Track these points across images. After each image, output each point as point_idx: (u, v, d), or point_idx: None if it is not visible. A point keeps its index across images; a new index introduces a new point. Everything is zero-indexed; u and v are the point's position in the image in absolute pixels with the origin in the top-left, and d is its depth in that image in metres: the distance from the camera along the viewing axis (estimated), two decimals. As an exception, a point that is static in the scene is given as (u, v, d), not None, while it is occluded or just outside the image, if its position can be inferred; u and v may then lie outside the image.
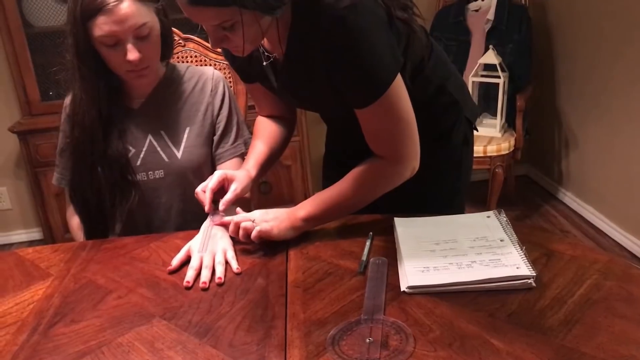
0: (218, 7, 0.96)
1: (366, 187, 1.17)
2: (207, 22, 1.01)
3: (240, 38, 1.01)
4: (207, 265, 1.10)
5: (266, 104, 1.38)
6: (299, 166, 2.95)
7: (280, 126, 1.39)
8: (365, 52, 1.01)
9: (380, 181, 1.17)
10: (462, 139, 1.36)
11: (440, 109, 1.31)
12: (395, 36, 1.08)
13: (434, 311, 0.92)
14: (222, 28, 1.01)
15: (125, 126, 1.39)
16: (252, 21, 0.99)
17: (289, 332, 0.91)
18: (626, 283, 0.96)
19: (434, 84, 1.27)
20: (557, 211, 3.18)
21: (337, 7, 0.99)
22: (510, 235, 1.09)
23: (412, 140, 1.14)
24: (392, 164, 1.15)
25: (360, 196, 1.17)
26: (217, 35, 1.03)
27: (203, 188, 1.21)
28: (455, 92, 1.32)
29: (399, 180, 1.17)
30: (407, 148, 1.14)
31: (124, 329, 0.95)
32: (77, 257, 1.21)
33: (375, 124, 1.13)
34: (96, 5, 1.21)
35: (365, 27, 1.00)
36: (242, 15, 0.96)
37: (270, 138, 1.36)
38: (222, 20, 0.99)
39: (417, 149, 1.16)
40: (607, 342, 0.83)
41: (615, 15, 2.64)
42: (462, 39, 3.04)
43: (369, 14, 1.01)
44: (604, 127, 2.81)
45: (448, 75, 1.32)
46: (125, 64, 1.27)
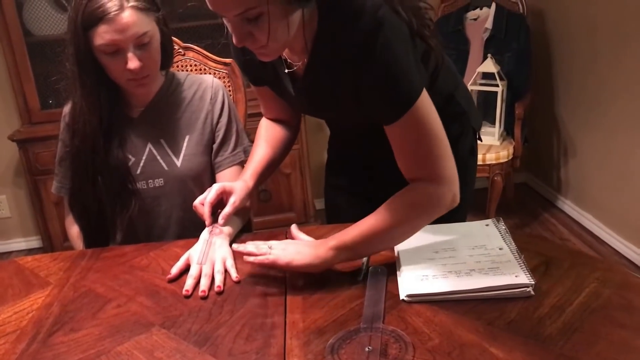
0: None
1: (404, 214, 1.05)
2: (231, 11, 0.94)
3: (265, 34, 0.95)
4: (206, 274, 1.10)
5: (273, 107, 1.37)
6: (298, 174, 2.96)
7: (285, 130, 1.39)
8: (394, 66, 1.00)
9: (419, 206, 1.06)
10: (469, 148, 1.36)
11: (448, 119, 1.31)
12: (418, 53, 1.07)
13: (433, 320, 0.92)
14: (246, 20, 0.94)
15: (126, 135, 1.40)
16: (278, 13, 0.94)
17: (288, 340, 0.91)
18: (625, 291, 0.96)
19: (443, 94, 1.27)
20: (556, 219, 3.18)
21: (365, 21, 0.97)
22: (509, 244, 1.10)
23: (447, 159, 1.06)
24: (429, 185, 1.06)
25: (399, 225, 1.05)
26: (241, 30, 0.96)
27: (201, 201, 1.20)
28: (462, 101, 1.33)
29: (440, 205, 1.06)
30: (442, 166, 1.06)
31: (123, 338, 0.95)
32: (77, 266, 1.21)
33: (406, 140, 1.06)
34: (97, 14, 1.22)
35: (394, 41, 0.99)
36: (269, 3, 0.91)
37: (273, 141, 1.36)
38: (246, 8, 0.92)
39: (453, 170, 1.07)
40: (606, 350, 0.83)
41: (612, 23, 2.65)
42: (460, 48, 3.05)
43: (396, 29, 1.00)
44: (603, 135, 2.82)
45: (456, 86, 1.32)
46: (126, 73, 1.28)
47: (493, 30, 2.98)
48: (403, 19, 1.01)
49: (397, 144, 1.08)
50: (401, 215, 1.05)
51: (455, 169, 1.08)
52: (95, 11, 1.22)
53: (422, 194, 1.06)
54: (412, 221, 1.07)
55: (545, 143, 3.36)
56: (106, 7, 1.22)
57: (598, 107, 2.83)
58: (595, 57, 2.81)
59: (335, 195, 1.52)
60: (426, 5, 1.10)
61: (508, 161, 2.87)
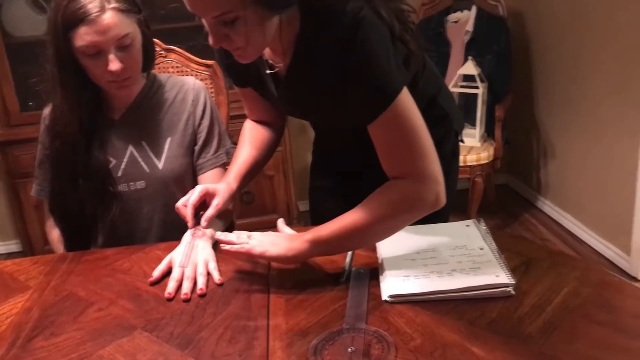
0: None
1: (383, 211, 1.04)
2: (208, 13, 0.94)
3: (242, 37, 0.97)
4: (188, 277, 1.10)
5: (257, 108, 1.37)
6: (281, 176, 2.96)
7: (269, 132, 1.39)
8: (373, 63, 1.00)
9: (400, 203, 1.04)
10: (451, 150, 1.37)
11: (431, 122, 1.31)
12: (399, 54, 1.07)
13: (415, 320, 0.93)
14: (223, 23, 0.95)
15: (107, 137, 1.39)
16: (255, 17, 0.95)
17: (271, 342, 0.91)
18: (603, 290, 0.98)
19: (426, 97, 1.27)
20: (537, 219, 3.22)
21: (345, 22, 0.98)
22: (490, 244, 1.11)
23: (430, 157, 1.05)
24: (410, 183, 1.04)
25: (377, 222, 1.04)
26: (218, 32, 0.97)
27: (184, 203, 1.20)
28: (445, 104, 1.34)
29: (421, 203, 1.05)
30: (424, 163, 1.04)
31: (105, 342, 0.94)
32: (57, 270, 1.20)
33: (387, 137, 1.06)
34: (78, 15, 1.21)
35: (373, 40, 0.99)
36: (245, 8, 0.92)
37: (257, 142, 1.35)
38: (222, 11, 0.93)
39: (437, 169, 1.05)
40: (584, 348, 0.84)
41: (592, 26, 2.69)
42: (442, 50, 3.08)
43: (376, 29, 1.00)
44: (582, 136, 2.86)
45: (439, 89, 1.33)
46: (107, 75, 1.27)
47: (474, 32, 3.01)
48: (385, 21, 1.02)
49: (379, 143, 1.07)
50: (380, 212, 1.04)
51: (439, 168, 1.06)
52: (76, 12, 1.21)
53: (403, 191, 1.05)
54: (391, 219, 1.05)
55: (525, 144, 3.40)
56: (87, 8, 1.21)
57: (577, 109, 2.87)
58: (575, 60, 2.85)
59: (319, 197, 1.52)
60: (409, 8, 1.10)
61: (489, 162, 2.90)
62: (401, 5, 1.08)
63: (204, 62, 1.70)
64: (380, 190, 1.06)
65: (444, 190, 1.06)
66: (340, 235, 1.05)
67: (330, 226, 1.06)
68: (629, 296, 0.99)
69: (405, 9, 1.09)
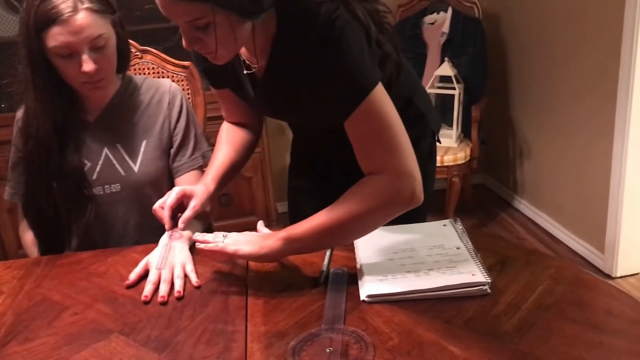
0: (191, 2, 0.92)
1: (357, 208, 1.02)
2: (180, 19, 0.96)
3: (214, 41, 0.97)
4: (165, 279, 1.09)
5: (234, 110, 1.37)
6: (260, 178, 2.95)
7: (247, 133, 1.38)
8: (348, 59, 1.01)
9: (375, 199, 1.03)
10: (428, 150, 1.38)
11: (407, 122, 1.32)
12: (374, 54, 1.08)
13: (392, 319, 0.94)
14: (195, 27, 0.96)
15: (81, 139, 1.37)
16: (227, 24, 0.96)
17: (250, 344, 0.91)
18: (577, 288, 1.00)
19: (402, 98, 1.28)
20: (513, 219, 3.26)
21: (321, 22, 0.99)
22: (466, 243, 1.12)
23: (406, 152, 1.04)
24: (386, 179, 1.03)
25: (351, 220, 1.03)
26: (190, 35, 0.98)
27: (161, 204, 1.19)
28: (421, 105, 1.35)
29: (397, 199, 1.03)
30: (399, 159, 1.04)
31: (81, 346, 0.93)
32: (32, 274, 1.18)
33: (362, 132, 1.05)
34: (50, 15, 1.19)
35: (349, 38, 1.00)
36: (215, 15, 0.93)
37: (235, 144, 1.35)
38: (194, 17, 0.94)
39: (413, 165, 1.05)
40: (559, 345, 0.85)
41: (566, 28, 2.74)
42: (418, 52, 3.10)
43: (351, 28, 1.01)
44: (557, 136, 2.91)
45: (415, 89, 1.34)
46: (80, 76, 1.25)
47: (450, 34, 3.04)
48: (361, 22, 1.02)
49: (355, 139, 1.07)
50: (355, 209, 1.02)
51: (416, 164, 1.05)
52: (48, 12, 1.19)
53: (378, 187, 1.03)
54: (366, 216, 1.03)
55: (501, 144, 3.44)
56: (59, 8, 1.19)
57: (551, 109, 2.91)
58: (549, 61, 2.90)
59: (298, 198, 1.52)
60: (384, 9, 1.11)
61: (465, 163, 2.93)
62: (377, 6, 1.09)
63: (180, 64, 1.69)
64: (356, 186, 1.05)
65: (421, 186, 1.05)
66: (314, 233, 1.04)
67: (305, 224, 1.05)
68: (602, 293, 1.01)
69: (381, 10, 1.10)
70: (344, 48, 1.00)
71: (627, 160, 2.43)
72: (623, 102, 2.38)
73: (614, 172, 2.50)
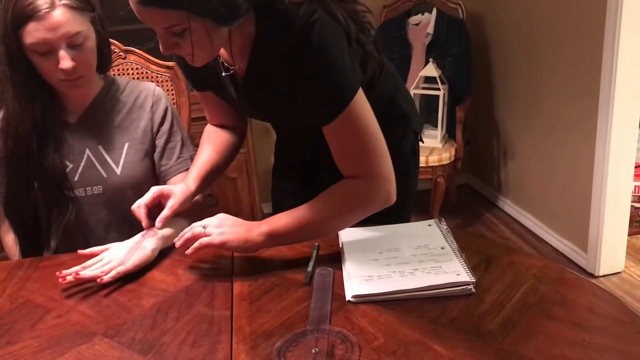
0: (166, 9, 0.94)
1: (336, 209, 1.10)
2: (156, 25, 0.98)
3: (189, 45, 0.99)
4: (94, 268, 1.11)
5: (217, 112, 1.37)
6: (245, 178, 2.94)
7: (230, 135, 1.38)
8: (328, 65, 1.02)
9: (350, 201, 1.10)
10: (410, 149, 1.39)
11: (390, 122, 1.33)
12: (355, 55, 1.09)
13: (378, 319, 0.94)
14: (172, 33, 0.98)
15: (62, 140, 1.35)
16: (203, 29, 0.97)
17: (235, 345, 0.90)
18: (560, 286, 1.01)
19: (384, 98, 1.29)
20: (497, 219, 3.28)
21: (299, 23, 0.99)
22: (451, 243, 1.12)
23: (383, 158, 1.09)
24: (364, 183, 1.09)
25: (330, 218, 1.11)
26: (167, 40, 1.00)
27: (139, 204, 1.19)
28: (404, 105, 1.36)
29: (372, 202, 1.10)
30: (377, 164, 1.09)
31: (64, 349, 0.92)
32: (14, 276, 1.17)
33: (342, 139, 1.09)
34: (27, 12, 1.18)
35: (328, 41, 1.01)
36: (191, 21, 0.95)
37: (218, 146, 1.35)
38: (170, 24, 0.96)
39: (389, 169, 1.10)
40: (542, 343, 0.86)
41: (548, 29, 2.76)
42: (403, 52, 3.11)
43: (330, 30, 1.02)
44: (540, 136, 2.93)
45: (397, 89, 1.35)
46: (59, 73, 1.24)
47: (434, 35, 3.05)
48: (340, 23, 1.03)
49: (333, 144, 1.10)
50: (333, 209, 1.10)
51: (391, 167, 1.11)
52: (25, 9, 1.18)
53: (356, 191, 1.10)
54: (344, 216, 1.11)
55: (485, 145, 3.47)
56: (36, 4, 1.18)
57: (535, 110, 2.94)
58: (532, 62, 2.92)
59: (282, 198, 1.52)
60: (363, 9, 1.12)
61: (450, 163, 2.94)
62: (356, 6, 1.10)
63: (164, 64, 1.68)
64: (335, 188, 1.11)
65: (394, 187, 1.12)
66: (295, 228, 1.10)
67: (286, 218, 1.10)
68: (585, 292, 1.02)
69: (360, 10, 1.11)
70: (325, 53, 1.01)
71: (610, 160, 2.46)
72: (605, 102, 2.41)
73: (596, 172, 2.53)
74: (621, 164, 2.48)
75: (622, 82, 2.35)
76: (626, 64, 2.33)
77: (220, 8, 0.95)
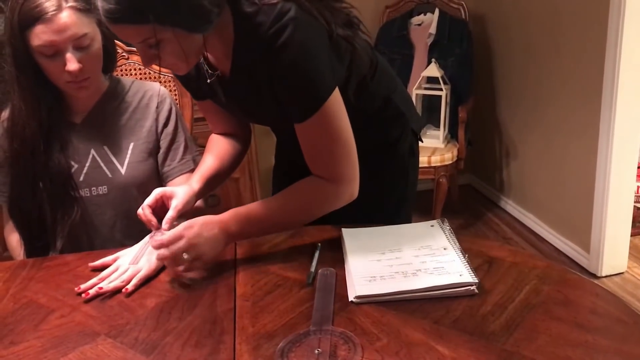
0: (136, 25, 0.96)
1: (301, 206, 1.15)
2: (132, 40, 1.01)
3: (168, 56, 1.02)
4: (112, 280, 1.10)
5: (218, 120, 1.37)
6: (247, 178, 2.94)
7: (233, 142, 1.38)
8: (303, 65, 1.03)
9: (316, 201, 1.15)
10: (408, 149, 1.39)
11: (387, 121, 1.34)
12: (337, 53, 1.10)
13: (381, 320, 0.94)
14: (148, 46, 1.01)
15: (68, 140, 1.36)
16: (175, 39, 0.99)
17: (238, 346, 0.90)
18: (563, 287, 1.01)
19: (380, 97, 1.30)
20: (500, 219, 3.28)
21: (276, 22, 1.01)
22: (453, 244, 1.12)
23: (350, 162, 1.13)
24: (329, 184, 1.13)
25: (295, 215, 1.16)
26: (146, 54, 1.02)
27: (143, 208, 1.19)
28: (401, 104, 1.36)
29: (336, 202, 1.15)
30: (344, 169, 1.12)
31: (67, 349, 0.92)
32: (17, 276, 1.17)
33: (312, 140, 1.12)
34: (34, 14, 1.18)
35: (304, 41, 1.02)
36: (162, 32, 0.97)
37: (220, 153, 1.35)
38: (143, 38, 0.98)
39: (355, 172, 1.14)
40: (545, 344, 0.86)
41: (551, 29, 2.76)
42: (405, 53, 3.11)
43: (308, 29, 1.03)
44: (542, 136, 2.93)
45: (394, 89, 1.35)
46: (65, 75, 1.24)
47: (437, 35, 3.05)
48: (318, 20, 1.04)
49: (304, 143, 1.13)
50: (297, 206, 1.15)
51: (356, 168, 1.14)
52: (32, 11, 1.18)
53: (323, 192, 1.14)
54: (307, 212, 1.16)
55: (487, 145, 3.46)
56: (43, 7, 1.18)
57: (537, 110, 2.94)
58: (535, 62, 2.92)
59: None
60: (345, 5, 1.14)
61: (452, 163, 2.94)
62: (333, 3, 1.11)
63: (167, 64, 1.68)
64: (301, 186, 1.15)
65: (357, 185, 1.15)
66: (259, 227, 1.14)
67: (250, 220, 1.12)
68: (587, 293, 1.02)
69: (339, 7, 1.12)
70: (299, 51, 1.02)
71: (612, 160, 2.46)
72: (608, 103, 2.41)
73: (598, 172, 2.52)
74: (624, 165, 2.48)
75: (625, 82, 2.35)
76: (629, 64, 2.33)
77: (189, 17, 0.97)
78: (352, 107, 1.15)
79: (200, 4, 0.96)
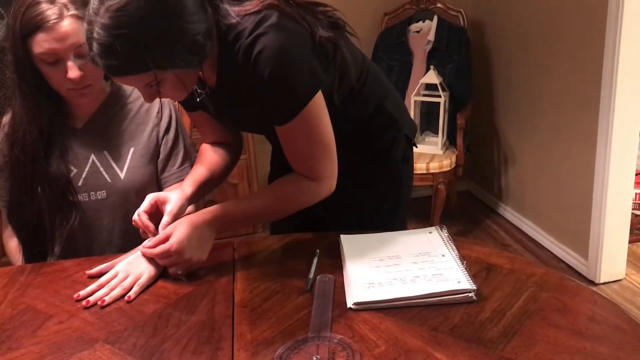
0: (138, 74, 1.01)
1: (283, 202, 1.19)
2: (135, 85, 1.08)
3: (169, 91, 1.07)
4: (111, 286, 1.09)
5: (209, 131, 1.38)
6: (246, 184, 2.94)
7: (223, 151, 1.39)
8: (282, 71, 1.04)
9: (297, 197, 1.19)
10: (401, 156, 1.39)
11: (379, 127, 1.34)
12: (323, 58, 1.12)
13: (379, 327, 0.94)
14: (150, 87, 1.05)
15: (68, 145, 1.36)
16: (176, 76, 1.04)
17: (236, 352, 0.90)
18: (561, 294, 1.01)
19: (371, 103, 1.31)
20: (498, 226, 3.28)
21: (255, 29, 1.03)
22: (452, 250, 1.13)
23: (330, 161, 1.17)
24: (309, 183, 1.17)
25: (275, 211, 1.21)
26: (147, 93, 1.07)
27: (138, 214, 1.20)
28: (393, 110, 1.36)
29: (317, 198, 1.19)
30: (324, 168, 1.16)
31: (65, 356, 0.92)
32: (15, 282, 1.17)
33: (292, 142, 1.15)
34: (36, 22, 1.19)
35: (283, 47, 1.03)
36: (163, 75, 1.01)
37: (211, 163, 1.36)
38: (146, 83, 1.03)
39: (334, 169, 1.18)
40: (543, 351, 0.86)
41: (549, 36, 2.77)
42: (404, 59, 3.12)
43: (289, 34, 1.04)
44: (541, 143, 2.94)
45: (386, 95, 1.36)
46: (67, 82, 1.25)
47: (435, 42, 3.06)
48: (302, 25, 1.06)
49: (285, 144, 1.16)
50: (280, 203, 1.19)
51: (335, 165, 1.18)
52: (34, 19, 1.19)
53: (303, 190, 1.17)
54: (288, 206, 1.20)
55: (486, 152, 3.47)
56: (45, 15, 1.19)
57: (536, 117, 2.95)
58: (533, 69, 2.93)
59: None
60: (327, 8, 1.16)
61: (451, 170, 2.95)
62: (316, 8, 1.14)
63: (166, 70, 1.68)
64: (283, 184, 1.19)
65: (335, 180, 1.19)
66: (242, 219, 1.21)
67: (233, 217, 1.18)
68: (585, 300, 1.02)
69: (321, 10, 1.14)
70: (280, 57, 1.04)
71: (610, 167, 2.46)
72: (606, 110, 2.42)
73: (596, 179, 2.53)
74: (622, 171, 2.49)
75: (623, 89, 2.36)
76: (627, 71, 2.34)
77: (186, 56, 1.01)
78: (343, 113, 1.16)
79: (194, 41, 1.00)
